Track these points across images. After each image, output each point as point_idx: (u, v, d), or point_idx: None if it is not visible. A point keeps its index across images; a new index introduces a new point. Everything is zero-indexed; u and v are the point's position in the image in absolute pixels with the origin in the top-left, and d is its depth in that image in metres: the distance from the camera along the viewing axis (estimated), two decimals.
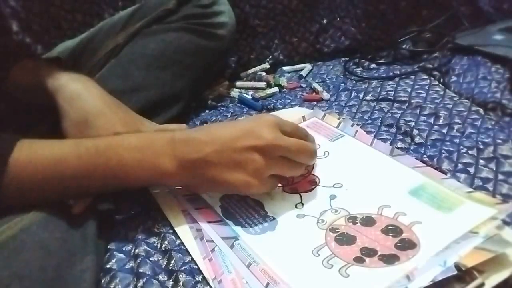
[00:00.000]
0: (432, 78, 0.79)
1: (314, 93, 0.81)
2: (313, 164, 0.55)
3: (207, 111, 0.79)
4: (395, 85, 0.78)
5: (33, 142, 0.44)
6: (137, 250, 0.46)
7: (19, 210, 0.42)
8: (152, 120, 0.60)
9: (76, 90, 0.54)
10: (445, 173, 0.52)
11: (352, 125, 0.63)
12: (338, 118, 0.65)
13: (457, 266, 0.37)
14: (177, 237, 0.47)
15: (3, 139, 0.44)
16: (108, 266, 0.45)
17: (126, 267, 0.45)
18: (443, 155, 0.56)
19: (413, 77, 0.80)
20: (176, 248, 0.46)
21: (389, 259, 0.40)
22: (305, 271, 0.41)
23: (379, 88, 0.77)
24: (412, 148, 0.59)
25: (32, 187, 0.43)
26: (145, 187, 0.51)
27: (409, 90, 0.75)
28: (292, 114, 0.69)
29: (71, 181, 0.44)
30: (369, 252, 0.41)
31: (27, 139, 0.44)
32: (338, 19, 0.97)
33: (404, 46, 0.90)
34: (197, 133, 0.48)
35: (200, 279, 0.42)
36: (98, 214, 0.48)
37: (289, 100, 0.79)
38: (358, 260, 0.41)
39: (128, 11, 0.76)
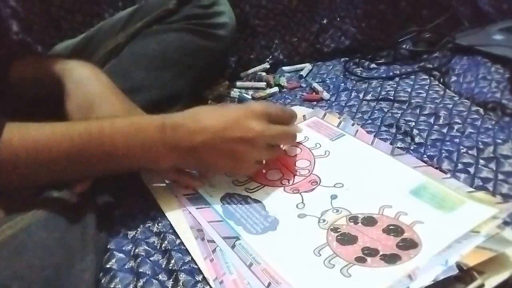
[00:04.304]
0: (432, 78, 0.79)
1: (314, 93, 0.81)
2: (314, 164, 0.55)
3: None
4: (395, 85, 0.78)
5: (22, 125, 0.45)
6: (137, 250, 0.46)
7: (19, 210, 0.42)
8: None
9: (85, 74, 0.54)
10: (445, 173, 0.52)
11: (352, 125, 0.63)
12: (339, 118, 0.65)
13: (459, 266, 0.37)
14: (177, 237, 0.47)
15: None
16: (108, 266, 0.45)
17: (126, 267, 0.45)
18: (443, 155, 0.56)
19: (413, 77, 0.80)
20: (176, 248, 0.46)
21: (391, 258, 0.40)
22: (306, 271, 0.41)
23: (379, 88, 0.77)
24: (412, 148, 0.59)
25: (26, 169, 0.44)
26: (138, 169, 0.53)
27: (409, 90, 0.75)
28: None
29: (64, 164, 0.45)
30: (370, 251, 0.41)
31: (14, 122, 0.44)
32: (338, 19, 0.97)
33: (404, 46, 0.90)
34: (186, 119, 0.49)
35: (200, 279, 0.42)
36: (97, 212, 0.48)
37: (289, 100, 0.79)
38: (360, 260, 0.41)
39: (128, 11, 0.76)
